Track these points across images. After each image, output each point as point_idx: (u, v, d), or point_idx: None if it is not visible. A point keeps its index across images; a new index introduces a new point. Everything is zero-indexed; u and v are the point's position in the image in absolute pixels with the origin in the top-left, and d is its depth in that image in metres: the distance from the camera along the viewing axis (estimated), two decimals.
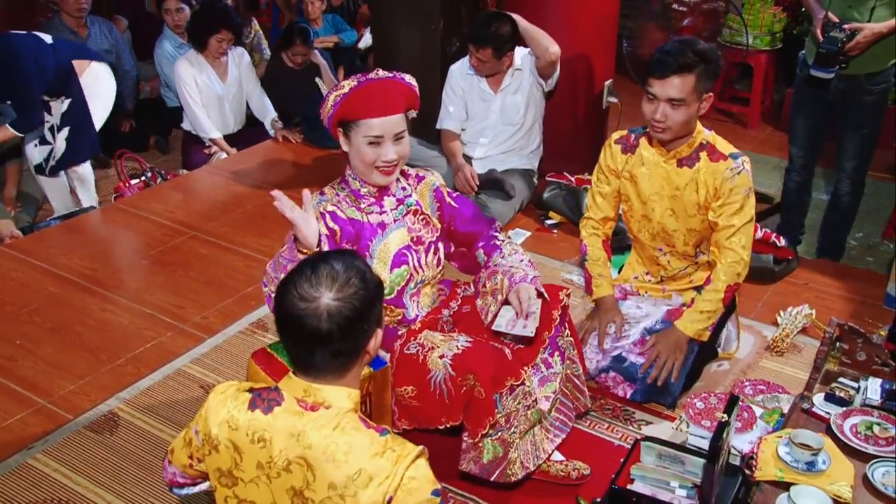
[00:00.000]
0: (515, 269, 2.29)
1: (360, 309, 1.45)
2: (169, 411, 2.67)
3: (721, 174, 2.55)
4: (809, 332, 3.08)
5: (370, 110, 2.11)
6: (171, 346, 3.00)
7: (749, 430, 2.43)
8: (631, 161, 2.72)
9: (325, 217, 2.13)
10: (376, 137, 2.12)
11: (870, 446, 2.12)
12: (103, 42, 5.00)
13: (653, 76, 2.48)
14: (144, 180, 4.37)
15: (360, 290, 1.46)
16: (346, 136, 2.17)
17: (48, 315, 3.17)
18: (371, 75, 2.17)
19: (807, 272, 3.52)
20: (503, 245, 2.39)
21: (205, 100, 4.60)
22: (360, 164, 2.18)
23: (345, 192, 2.24)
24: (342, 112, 2.12)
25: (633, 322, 2.77)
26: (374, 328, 1.51)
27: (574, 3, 3.93)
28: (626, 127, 2.88)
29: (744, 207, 2.58)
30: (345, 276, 1.46)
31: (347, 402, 1.49)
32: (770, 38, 5.51)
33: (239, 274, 3.47)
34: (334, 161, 4.59)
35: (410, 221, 2.30)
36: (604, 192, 2.81)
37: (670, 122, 2.51)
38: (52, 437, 2.55)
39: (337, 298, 1.43)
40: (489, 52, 3.59)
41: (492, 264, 2.36)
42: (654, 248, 2.80)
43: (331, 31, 6.08)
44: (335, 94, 2.12)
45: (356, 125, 2.13)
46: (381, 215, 2.26)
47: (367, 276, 1.50)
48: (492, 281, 2.32)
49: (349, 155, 2.20)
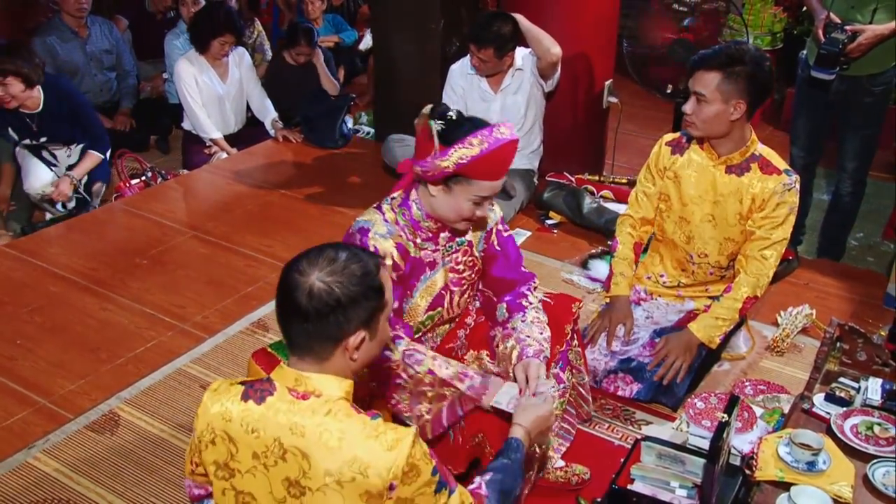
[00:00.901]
0: (530, 342, 2.12)
1: (340, 300, 1.45)
2: (169, 411, 2.67)
3: (772, 188, 2.57)
4: (810, 332, 3.08)
5: (491, 174, 1.98)
6: (171, 345, 3.00)
7: (749, 430, 2.43)
8: (678, 162, 2.72)
9: (396, 247, 2.05)
10: (483, 198, 2.02)
11: (870, 446, 2.12)
12: (103, 42, 5.01)
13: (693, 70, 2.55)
14: (145, 180, 4.37)
15: (349, 285, 1.46)
16: (447, 186, 2.00)
17: (49, 315, 3.18)
18: (497, 135, 1.95)
19: (807, 272, 3.52)
20: (528, 309, 2.22)
21: (205, 100, 4.60)
22: (450, 213, 2.04)
23: (405, 221, 2.09)
24: (462, 170, 1.94)
25: (643, 328, 2.78)
26: (356, 328, 1.49)
27: (574, 3, 3.93)
28: (626, 127, 2.88)
29: (784, 224, 2.60)
30: (342, 265, 1.48)
31: (338, 390, 1.51)
32: (771, 38, 5.51)
33: (239, 274, 3.47)
34: (334, 160, 4.59)
35: (456, 261, 2.21)
36: (648, 191, 2.80)
37: (695, 118, 2.54)
38: (53, 437, 2.55)
39: (323, 281, 1.45)
40: (491, 52, 3.59)
41: (510, 326, 2.19)
42: (686, 253, 2.79)
43: (331, 30, 6.09)
44: (462, 151, 1.92)
45: (468, 182, 1.97)
46: (434, 252, 2.16)
47: (366, 279, 1.49)
48: (504, 344, 2.18)
49: (436, 198, 2.03)
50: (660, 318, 2.81)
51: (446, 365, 2.06)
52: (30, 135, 4.04)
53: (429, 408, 2.06)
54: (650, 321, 2.81)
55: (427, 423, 2.07)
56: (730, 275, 2.75)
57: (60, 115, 4.03)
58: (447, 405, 2.06)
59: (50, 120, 4.01)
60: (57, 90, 4.02)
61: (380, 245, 2.02)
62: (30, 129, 4.01)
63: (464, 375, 2.05)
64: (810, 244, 3.99)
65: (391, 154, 4.03)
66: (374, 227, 2.04)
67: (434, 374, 2.02)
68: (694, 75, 2.52)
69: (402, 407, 2.07)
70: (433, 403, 2.06)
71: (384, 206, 2.10)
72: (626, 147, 4.58)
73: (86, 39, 4.94)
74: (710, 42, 3.58)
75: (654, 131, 2.96)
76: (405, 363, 2.02)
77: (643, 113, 5.29)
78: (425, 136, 1.97)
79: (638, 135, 4.92)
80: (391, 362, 2.01)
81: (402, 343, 2.04)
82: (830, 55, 3.23)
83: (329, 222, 3.91)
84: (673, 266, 2.85)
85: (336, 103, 4.83)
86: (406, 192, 2.12)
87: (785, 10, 5.57)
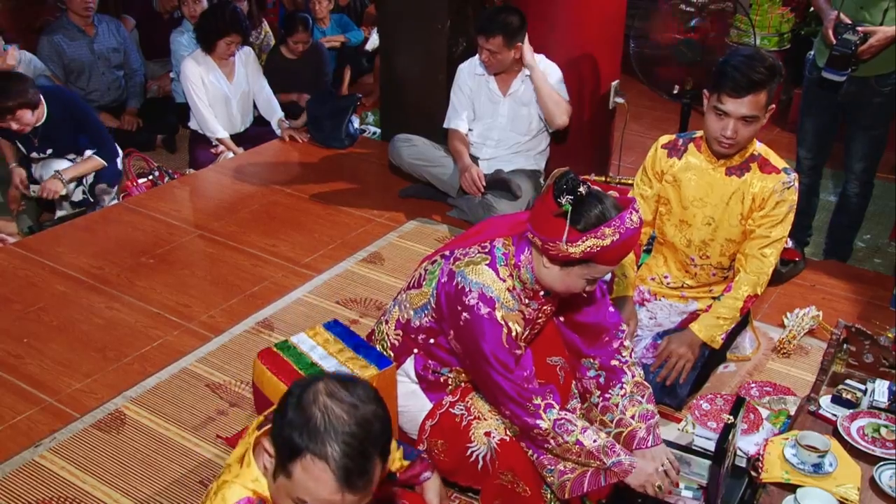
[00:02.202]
0: (638, 425, 2.13)
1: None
2: (175, 410, 2.67)
3: (772, 187, 2.56)
4: (816, 333, 3.07)
5: (615, 261, 1.92)
6: (177, 344, 3.01)
7: (755, 432, 2.42)
8: (677, 165, 2.70)
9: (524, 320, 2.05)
10: (597, 278, 1.98)
11: (877, 448, 2.11)
12: (111, 41, 5.03)
13: (724, 93, 2.42)
14: (152, 179, 4.38)
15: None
16: (566, 266, 1.93)
17: (55, 313, 3.19)
18: (629, 224, 1.85)
19: (814, 274, 3.51)
20: (626, 374, 2.20)
21: (211, 99, 4.61)
22: (560, 286, 1.99)
23: (521, 285, 2.03)
24: (590, 256, 1.87)
25: (646, 329, 2.77)
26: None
27: (580, 3, 3.92)
28: (632, 127, 2.87)
29: (783, 221, 2.59)
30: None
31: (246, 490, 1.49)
32: (778, 39, 5.49)
33: (245, 273, 3.48)
34: (341, 160, 4.60)
35: (544, 316, 2.18)
36: (645, 194, 2.79)
37: (740, 138, 2.49)
38: (59, 435, 2.56)
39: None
40: (500, 41, 3.54)
41: (611, 402, 2.18)
42: (688, 255, 2.78)
43: (337, 30, 6.10)
44: (594, 241, 1.83)
45: (588, 265, 1.91)
46: (535, 311, 2.11)
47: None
48: (604, 417, 2.18)
49: (549, 270, 1.96)
50: (663, 319, 2.81)
51: (595, 437, 2.03)
52: (34, 148, 4.05)
53: (573, 467, 2.06)
54: (654, 322, 2.80)
55: (568, 482, 2.06)
56: (732, 275, 2.75)
57: (63, 124, 4.02)
58: (591, 472, 2.06)
59: (51, 130, 4.00)
60: (58, 99, 4.03)
61: (510, 320, 1.97)
62: (32, 143, 4.02)
63: (611, 450, 2.03)
64: (817, 245, 3.98)
65: (397, 154, 4.03)
66: (500, 298, 1.96)
67: (582, 445, 2.01)
68: (737, 101, 2.40)
69: (545, 460, 2.07)
70: (578, 466, 2.06)
71: (499, 266, 1.99)
72: (632, 147, 4.57)
73: (93, 38, 4.96)
74: (717, 42, 3.57)
75: (661, 132, 2.95)
76: (555, 432, 2.00)
77: (650, 113, 5.29)
78: (550, 209, 1.84)
79: (644, 135, 4.90)
80: (540, 430, 2.00)
81: (553, 412, 2.01)
82: (842, 56, 3.21)
83: (335, 222, 3.91)
84: (677, 268, 2.84)
85: (342, 103, 4.83)
86: (518, 250, 2.02)
87: (792, 10, 5.55)
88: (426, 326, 2.13)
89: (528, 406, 1.98)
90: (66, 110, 4.04)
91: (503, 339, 1.95)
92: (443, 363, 2.17)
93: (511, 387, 1.97)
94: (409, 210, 4.03)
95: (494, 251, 2.02)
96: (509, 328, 1.96)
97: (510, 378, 1.96)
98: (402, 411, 2.24)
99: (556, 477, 2.06)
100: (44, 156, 4.09)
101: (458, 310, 1.97)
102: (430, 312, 2.10)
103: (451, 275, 2.00)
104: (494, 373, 1.96)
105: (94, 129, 4.17)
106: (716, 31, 3.61)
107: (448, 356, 2.15)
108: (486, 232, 2.11)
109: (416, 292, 2.14)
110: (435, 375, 2.20)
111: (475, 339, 1.96)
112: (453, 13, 4.25)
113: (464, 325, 1.97)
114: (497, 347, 1.95)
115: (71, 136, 4.10)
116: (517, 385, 1.97)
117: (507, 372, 1.95)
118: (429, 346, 2.16)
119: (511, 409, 1.99)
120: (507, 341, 1.95)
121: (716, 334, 2.62)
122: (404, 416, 2.24)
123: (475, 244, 2.05)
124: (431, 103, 4.31)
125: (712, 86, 2.47)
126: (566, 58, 3.89)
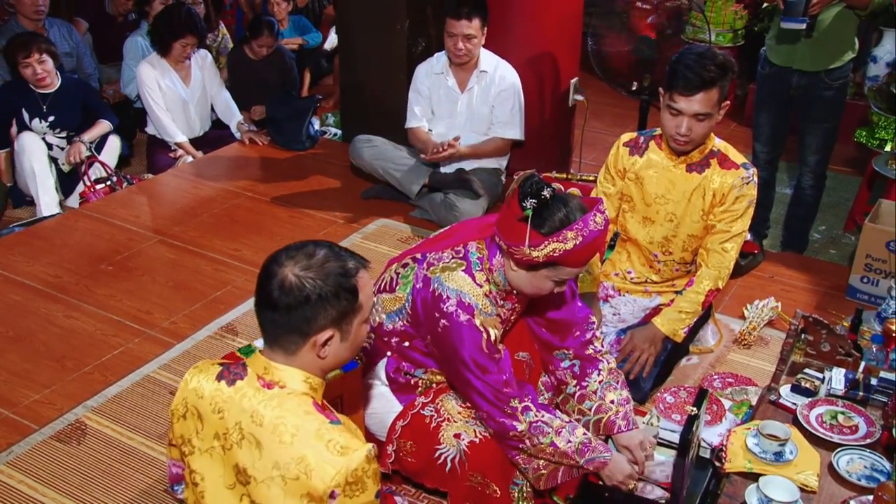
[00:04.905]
0: (616, 409, 2.18)
1: (309, 295, 1.45)
2: (138, 419, 2.63)
3: (731, 182, 2.59)
4: (776, 324, 3.13)
5: (581, 263, 1.92)
6: (138, 352, 2.96)
7: (718, 423, 2.46)
8: (638, 163, 2.72)
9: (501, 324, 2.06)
10: (565, 280, 1.99)
11: (835, 435, 2.16)
12: (63, 45, 4.91)
13: (676, 92, 2.46)
14: (110, 185, 4.31)
15: (322, 282, 1.46)
16: (532, 269, 1.94)
17: (10, 324, 3.11)
18: (592, 226, 1.86)
19: (772, 265, 3.57)
20: (601, 361, 2.24)
21: (169, 103, 4.55)
22: (529, 288, 2.00)
23: (497, 289, 2.03)
24: (553, 259, 1.88)
25: (610, 325, 2.80)
26: (327, 327, 1.49)
27: (539, 2, 3.94)
28: (592, 125, 2.89)
29: (743, 216, 2.63)
30: (320, 261, 1.48)
31: (303, 385, 1.51)
32: (732, 35, 5.58)
33: (207, 278, 3.43)
34: (301, 162, 4.56)
35: (515, 314, 2.18)
36: (608, 192, 2.81)
37: (694, 135, 2.53)
38: (17, 448, 2.50)
39: (297, 275, 1.46)
40: (479, 23, 3.60)
41: (589, 390, 2.21)
42: (651, 251, 2.81)
43: (295, 32, 6.05)
44: (556, 245, 1.84)
45: (554, 267, 1.92)
46: (508, 311, 2.13)
47: (341, 279, 1.48)
48: (581, 405, 2.22)
49: (517, 273, 1.97)
50: (627, 315, 2.83)
51: (570, 437, 2.03)
52: (39, 114, 4.22)
53: (546, 464, 2.07)
54: (617, 318, 2.83)
55: (542, 476, 2.07)
56: (694, 269, 2.79)
57: (73, 101, 4.32)
58: (564, 468, 2.08)
59: (61, 101, 4.28)
60: (74, 80, 4.45)
61: (489, 326, 1.97)
62: (39, 108, 4.21)
63: (585, 448, 2.04)
64: (774, 238, 4.05)
65: (358, 155, 4.01)
66: (479, 305, 1.96)
67: (556, 446, 2.01)
68: (689, 99, 2.44)
69: (520, 459, 2.07)
70: (551, 464, 2.07)
71: (475, 272, 1.99)
72: (593, 144, 4.61)
73: None
74: (673, 39, 3.61)
75: (621, 128, 2.98)
76: (530, 433, 2.00)
77: (609, 110, 5.33)
78: (515, 213, 1.85)
79: (604, 132, 4.95)
80: (516, 432, 2.00)
81: (530, 414, 2.01)
82: (797, 1, 3.18)
83: (297, 224, 3.88)
84: (640, 263, 2.87)
85: (302, 105, 4.80)
86: (490, 253, 2.02)
87: (745, 7, 5.65)
88: (400, 330, 2.12)
89: (505, 409, 1.99)
90: (80, 90, 4.42)
91: (483, 345, 1.95)
92: (417, 365, 2.17)
93: (490, 391, 1.97)
94: (371, 211, 4.01)
95: (469, 256, 2.01)
96: (488, 333, 1.96)
97: (489, 383, 1.97)
98: (370, 413, 2.23)
99: (531, 473, 2.08)
100: (45, 123, 4.26)
101: (435, 316, 1.96)
102: (404, 317, 2.09)
103: (427, 281, 1.99)
104: (474, 377, 1.97)
105: (100, 108, 4.52)
106: (671, 28, 3.65)
107: (423, 358, 2.15)
108: (458, 235, 2.10)
109: (388, 296, 2.12)
110: (406, 378, 2.19)
111: (454, 345, 1.96)
112: (412, 13, 4.25)
113: (442, 332, 1.97)
114: (476, 353, 1.95)
115: (76, 115, 4.35)
116: (496, 389, 1.97)
117: (487, 376, 1.96)
118: (403, 349, 2.15)
119: (488, 410, 2.00)
120: (486, 346, 1.96)
121: (678, 328, 2.65)
122: (372, 417, 2.23)
123: (448, 248, 2.04)
124: (392, 104, 4.30)
125: (666, 84, 2.50)
126: (525, 56, 3.91)
